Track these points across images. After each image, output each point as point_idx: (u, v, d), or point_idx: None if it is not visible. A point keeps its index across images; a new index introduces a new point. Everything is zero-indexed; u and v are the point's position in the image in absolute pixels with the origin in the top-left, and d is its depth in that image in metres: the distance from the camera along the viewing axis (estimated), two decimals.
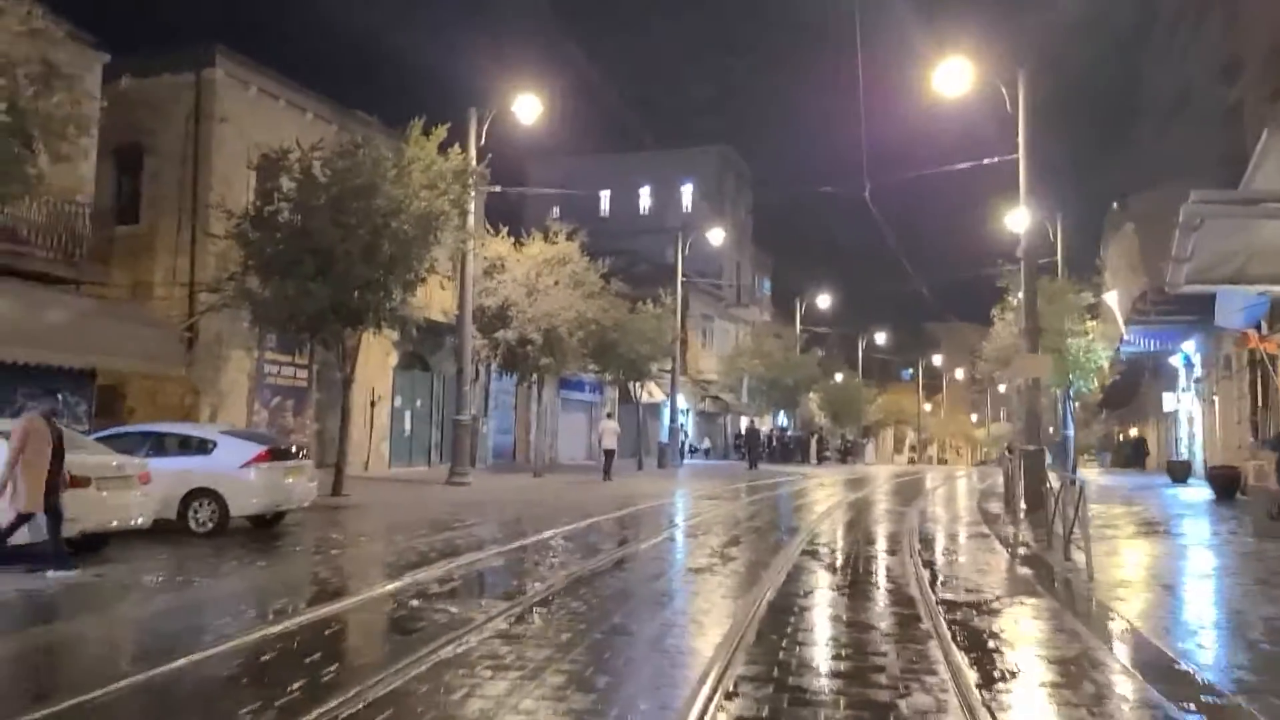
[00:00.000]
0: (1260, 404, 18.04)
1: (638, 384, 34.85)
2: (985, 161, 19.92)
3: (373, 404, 24.12)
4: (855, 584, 9.67)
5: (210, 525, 12.21)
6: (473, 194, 21.26)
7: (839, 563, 11.24)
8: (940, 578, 10.19)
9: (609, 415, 32.77)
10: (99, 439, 12.11)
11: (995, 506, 20.80)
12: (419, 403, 26.89)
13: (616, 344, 30.47)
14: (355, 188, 18.03)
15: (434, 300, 25.14)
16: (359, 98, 22.84)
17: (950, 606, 8.50)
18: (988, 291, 33.58)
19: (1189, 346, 32.01)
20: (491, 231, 26.28)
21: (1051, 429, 32.05)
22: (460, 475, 21.73)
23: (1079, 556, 10.67)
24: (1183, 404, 35.29)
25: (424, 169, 18.94)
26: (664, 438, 37.74)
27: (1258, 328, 16.86)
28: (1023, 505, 18.47)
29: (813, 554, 11.93)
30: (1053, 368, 23.87)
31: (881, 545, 13.31)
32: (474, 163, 21.04)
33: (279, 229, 17.98)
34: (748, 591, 9.10)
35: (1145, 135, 37.05)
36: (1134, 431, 60.05)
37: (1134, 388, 41.92)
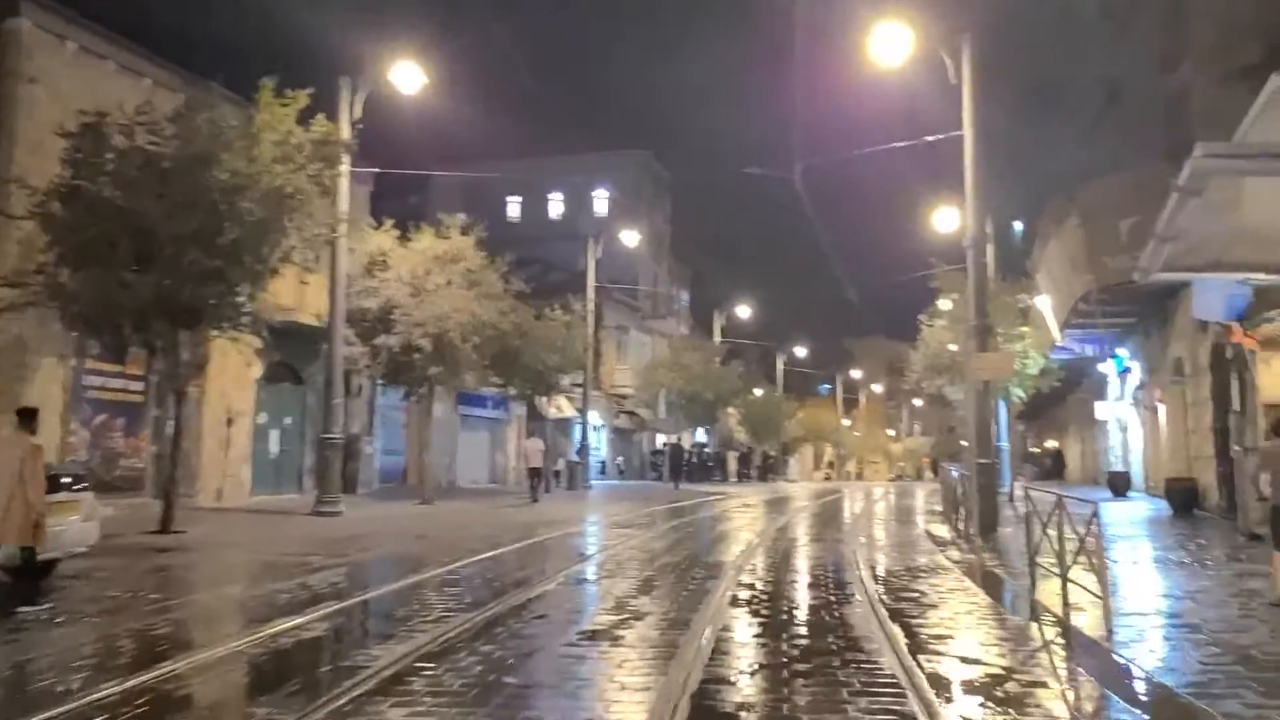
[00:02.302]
0: (1239, 408, 16.03)
1: (545, 398, 31.96)
2: (927, 139, 17.70)
3: (229, 422, 20.73)
4: (810, 654, 6.98)
5: None
6: (344, 171, 18.26)
7: (781, 618, 8.55)
8: (919, 638, 7.57)
9: (532, 434, 30.14)
10: None
11: (937, 527, 18.58)
12: (288, 420, 23.48)
13: (521, 353, 27.59)
14: (189, 157, 14.93)
15: (307, 301, 21.95)
16: (230, 76, 18.99)
17: (954, 692, 5.90)
18: (907, 305, 31.83)
19: (1124, 352, 30.49)
20: (374, 224, 23.20)
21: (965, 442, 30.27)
22: (329, 504, 18.55)
23: (1076, 596, 8.24)
24: (1117, 413, 33.83)
25: (278, 139, 15.91)
26: (574, 456, 34.88)
27: (1240, 320, 14.79)
28: (973, 528, 16.33)
29: (746, 604, 9.24)
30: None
31: (830, 588, 10.68)
32: (345, 135, 18.03)
33: (92, 207, 14.72)
34: (662, 673, 6.35)
35: (1071, 135, 35.68)
36: (1051, 443, 59.42)
37: (1052, 398, 40.43)
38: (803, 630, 8.03)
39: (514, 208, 56.88)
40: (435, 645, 7.10)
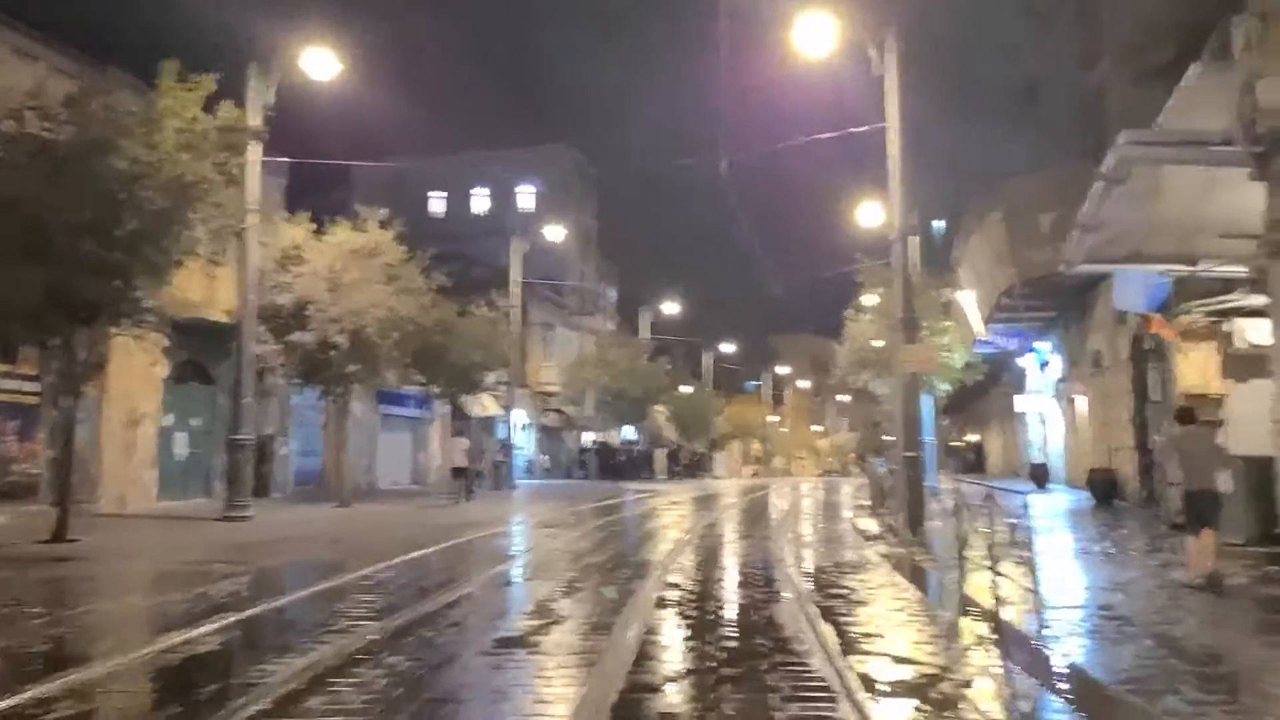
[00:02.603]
0: (1159, 399, 16.27)
1: (470, 396, 31.27)
2: (851, 130, 17.57)
3: (133, 424, 19.71)
4: (738, 658, 6.67)
5: None
6: (253, 160, 17.47)
7: (709, 619, 8.24)
8: (850, 637, 7.32)
9: (457, 434, 29.42)
10: None
11: (865, 522, 18.55)
12: (197, 422, 22.43)
13: (444, 350, 26.88)
14: (84, 144, 14.05)
15: (216, 297, 21.00)
16: (133, 61, 17.72)
17: (886, 694, 5.64)
18: (833, 301, 32.04)
19: (1044, 346, 31.04)
20: (288, 217, 22.32)
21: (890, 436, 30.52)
22: (239, 508, 17.69)
23: (1005, 590, 8.10)
24: (1037, 406, 34.43)
25: (181, 126, 15.09)
26: (498, 455, 34.25)
27: (1160, 310, 14.99)
28: (900, 522, 16.27)
29: (672, 605, 8.91)
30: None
31: (759, 586, 10.43)
32: (254, 122, 17.23)
33: None
34: (581, 682, 5.98)
35: (994, 132, 36.24)
36: (972, 437, 60.53)
37: (974, 392, 41.16)
38: (731, 632, 7.74)
39: (438, 203, 55.99)
40: (339, 658, 6.61)
